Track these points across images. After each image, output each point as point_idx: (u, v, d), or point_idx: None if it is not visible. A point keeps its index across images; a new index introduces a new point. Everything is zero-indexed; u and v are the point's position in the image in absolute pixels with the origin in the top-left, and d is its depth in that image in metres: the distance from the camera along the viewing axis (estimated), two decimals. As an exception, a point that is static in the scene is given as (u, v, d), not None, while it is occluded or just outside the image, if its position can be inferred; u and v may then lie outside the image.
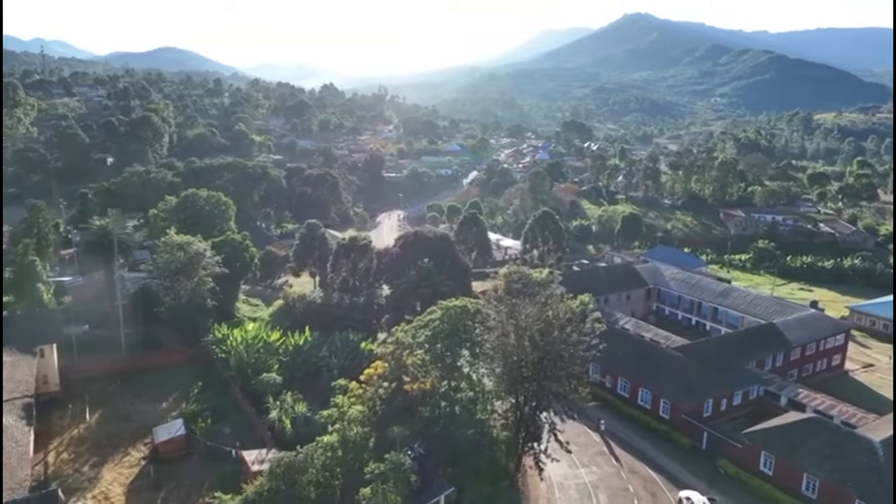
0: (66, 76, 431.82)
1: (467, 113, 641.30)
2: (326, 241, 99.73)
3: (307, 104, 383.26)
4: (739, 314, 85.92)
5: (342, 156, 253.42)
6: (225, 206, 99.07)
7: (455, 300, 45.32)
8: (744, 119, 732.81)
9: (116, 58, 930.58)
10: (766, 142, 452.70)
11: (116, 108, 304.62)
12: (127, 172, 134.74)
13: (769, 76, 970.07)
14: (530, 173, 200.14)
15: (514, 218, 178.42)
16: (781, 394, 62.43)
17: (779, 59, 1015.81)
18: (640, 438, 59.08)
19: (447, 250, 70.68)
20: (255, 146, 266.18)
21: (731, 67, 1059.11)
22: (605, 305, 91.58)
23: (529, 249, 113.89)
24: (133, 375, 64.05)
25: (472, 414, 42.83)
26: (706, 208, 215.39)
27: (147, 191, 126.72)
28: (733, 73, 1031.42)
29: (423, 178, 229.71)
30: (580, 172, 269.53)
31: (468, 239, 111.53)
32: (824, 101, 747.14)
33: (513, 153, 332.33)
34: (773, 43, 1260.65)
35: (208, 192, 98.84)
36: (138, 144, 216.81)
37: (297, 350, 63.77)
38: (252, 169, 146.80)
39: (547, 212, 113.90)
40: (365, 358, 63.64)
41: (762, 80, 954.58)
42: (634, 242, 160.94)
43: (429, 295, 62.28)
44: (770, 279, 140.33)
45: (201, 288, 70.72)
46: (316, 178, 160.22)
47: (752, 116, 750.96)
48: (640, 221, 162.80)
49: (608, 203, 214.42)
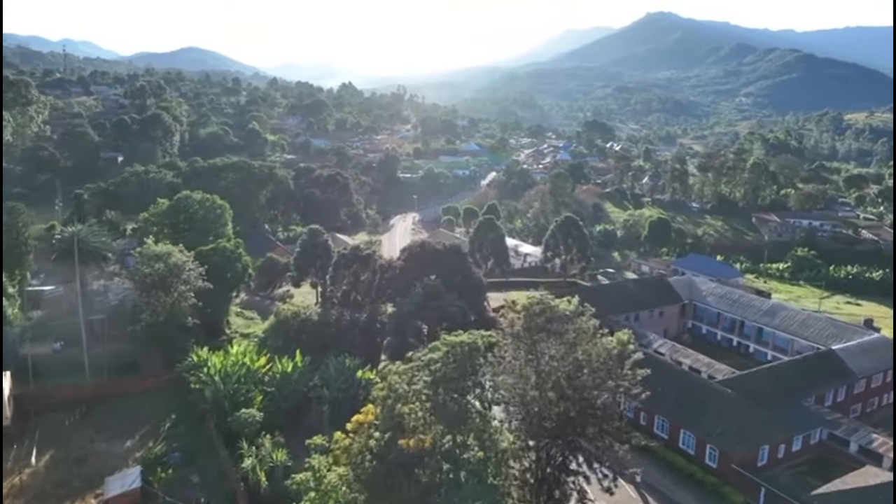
0: (85, 75, 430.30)
1: (487, 112, 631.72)
2: (329, 248, 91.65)
3: (324, 103, 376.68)
4: (789, 336, 76.16)
5: (356, 155, 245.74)
6: (221, 210, 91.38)
7: (463, 333, 36.68)
8: (770, 119, 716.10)
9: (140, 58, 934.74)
10: (795, 142, 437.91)
11: (132, 106, 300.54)
12: (126, 172, 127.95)
13: (796, 75, 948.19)
14: (551, 174, 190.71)
15: (534, 222, 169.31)
16: (851, 439, 52.86)
17: (806, 57, 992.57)
18: (683, 491, 49.95)
19: (458, 264, 62.10)
20: (268, 145, 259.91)
21: (756, 67, 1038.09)
22: (636, 324, 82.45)
23: (551, 258, 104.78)
24: (100, 403, 56.48)
25: (481, 480, 34.38)
26: (737, 212, 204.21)
27: (146, 192, 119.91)
28: (759, 72, 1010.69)
29: (439, 178, 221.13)
30: (603, 174, 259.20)
31: (484, 246, 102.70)
32: (854, 100, 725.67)
33: (533, 153, 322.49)
34: (800, 42, 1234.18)
35: (202, 195, 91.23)
36: (148, 143, 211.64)
37: (284, 378, 55.64)
38: (258, 169, 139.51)
39: (570, 217, 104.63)
40: (361, 388, 55.32)
41: (789, 80, 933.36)
42: (662, 249, 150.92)
43: (435, 317, 53.83)
44: (812, 291, 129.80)
45: (182, 304, 63.01)
46: (326, 179, 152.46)
47: (778, 117, 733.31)
48: (669, 227, 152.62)
49: (633, 206, 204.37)
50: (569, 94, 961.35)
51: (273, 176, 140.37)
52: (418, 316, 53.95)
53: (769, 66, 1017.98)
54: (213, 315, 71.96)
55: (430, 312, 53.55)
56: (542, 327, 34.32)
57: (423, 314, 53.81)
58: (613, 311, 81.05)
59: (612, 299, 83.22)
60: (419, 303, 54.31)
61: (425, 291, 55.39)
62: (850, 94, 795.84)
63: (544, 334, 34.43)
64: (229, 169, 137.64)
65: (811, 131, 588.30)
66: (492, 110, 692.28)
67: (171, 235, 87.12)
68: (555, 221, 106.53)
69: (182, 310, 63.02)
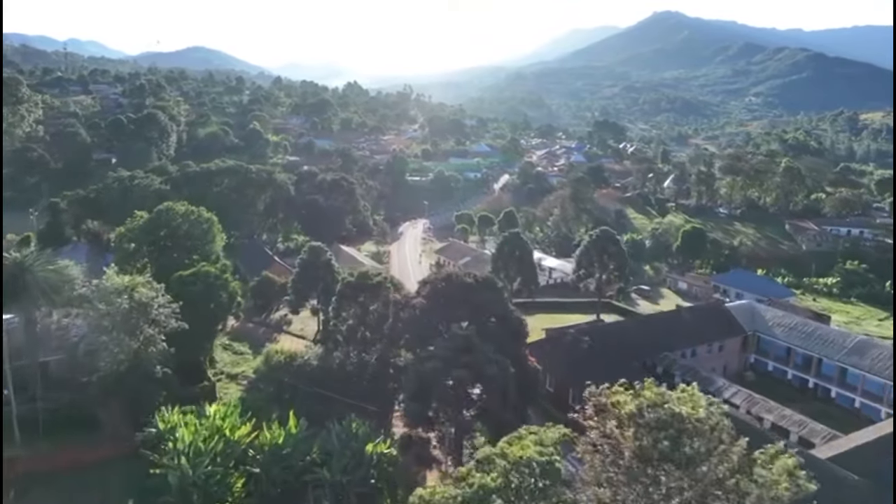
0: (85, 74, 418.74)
1: (494, 112, 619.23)
2: (333, 269, 79.51)
3: (329, 102, 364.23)
4: (882, 380, 63.47)
5: (362, 157, 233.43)
6: (208, 225, 79.11)
7: (525, 442, 24.27)
8: (781, 119, 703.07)
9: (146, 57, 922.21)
10: (815, 143, 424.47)
11: (131, 105, 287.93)
12: (110, 177, 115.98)
13: (806, 75, 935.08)
14: (571, 179, 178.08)
15: (556, 231, 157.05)
16: None
17: (816, 57, 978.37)
18: None
19: (492, 303, 49.66)
20: (269, 146, 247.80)
21: (766, 66, 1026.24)
22: (693, 360, 70.06)
23: (584, 276, 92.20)
24: (35, 482, 44.31)
25: None
26: (767, 219, 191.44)
27: (130, 200, 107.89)
28: (768, 71, 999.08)
29: (450, 182, 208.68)
30: (620, 176, 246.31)
31: (509, 265, 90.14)
32: (866, 100, 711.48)
33: (546, 155, 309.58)
34: (808, 41, 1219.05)
35: (187, 207, 79.00)
36: (142, 144, 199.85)
37: (273, 452, 43.30)
38: (256, 174, 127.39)
39: (606, 231, 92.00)
40: (373, 467, 43.07)
41: (799, 79, 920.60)
42: (696, 261, 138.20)
43: (468, 378, 41.51)
44: (868, 310, 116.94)
45: (149, 350, 50.87)
46: (330, 184, 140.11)
47: (789, 116, 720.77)
48: (704, 237, 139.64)
49: (657, 212, 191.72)
50: (576, 94, 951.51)
51: (272, 181, 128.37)
52: (446, 375, 41.54)
53: (778, 65, 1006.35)
54: (193, 356, 59.78)
55: (461, 371, 41.16)
56: (666, 455, 21.72)
57: (452, 373, 41.39)
58: (668, 345, 68.86)
59: (665, 331, 70.89)
60: (447, 358, 41.90)
61: (453, 342, 43.00)
62: (862, 94, 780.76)
63: (670, 465, 21.87)
64: (224, 173, 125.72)
65: (825, 131, 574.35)
66: (499, 109, 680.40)
67: (151, 254, 75.19)
68: (588, 236, 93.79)
69: (150, 357, 50.83)
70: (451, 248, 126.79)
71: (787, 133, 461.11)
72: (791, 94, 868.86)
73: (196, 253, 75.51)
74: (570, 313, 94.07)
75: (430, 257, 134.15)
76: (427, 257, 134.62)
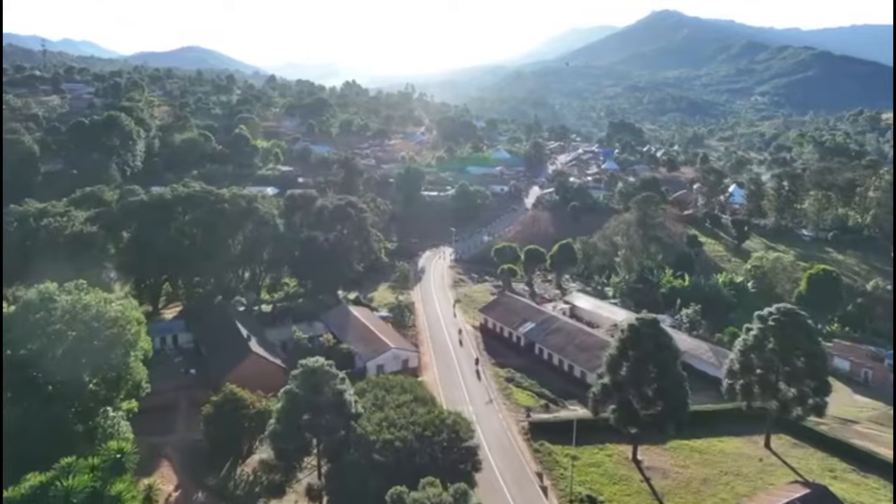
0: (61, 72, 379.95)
1: (497, 112, 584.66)
2: (348, 405, 43.15)
3: (326, 102, 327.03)
4: None
5: (368, 167, 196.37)
6: (121, 328, 42.22)
7: None
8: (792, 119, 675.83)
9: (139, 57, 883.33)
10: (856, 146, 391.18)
11: (103, 106, 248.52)
12: (7, 215, 78.64)
13: (812, 73, 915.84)
14: (635, 198, 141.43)
15: (626, 268, 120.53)
16: None
17: (822, 55, 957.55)
18: None
19: None
20: (258, 154, 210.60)
21: (770, 65, 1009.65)
22: None
23: (746, 393, 55.98)
24: None
25: None
26: (865, 243, 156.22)
27: (32, 251, 71.16)
28: (773, 70, 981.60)
29: (475, 198, 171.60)
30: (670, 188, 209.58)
31: (644, 376, 52.48)
32: (875, 99, 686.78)
33: (575, 161, 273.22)
34: (807, 40, 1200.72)
35: (76, 296, 42.23)
36: (98, 154, 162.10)
37: None
38: (230, 203, 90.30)
39: (792, 313, 55.05)
40: None
41: (805, 78, 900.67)
42: (830, 317, 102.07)
43: None
44: None
45: None
46: (332, 214, 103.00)
47: (798, 116, 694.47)
48: (839, 284, 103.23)
49: (733, 237, 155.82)
50: (578, 93, 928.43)
51: (252, 212, 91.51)
52: None
53: (783, 64, 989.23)
54: None
55: None
56: None
57: None
58: None
59: None
60: None
61: None
62: (871, 93, 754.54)
63: None
64: (185, 202, 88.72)
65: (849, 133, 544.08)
66: (501, 109, 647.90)
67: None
68: (761, 322, 55.95)
69: None
70: (501, 306, 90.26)
71: (822, 134, 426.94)
72: (798, 92, 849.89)
73: (89, 401, 39.04)
74: (719, 437, 59.33)
75: (470, 314, 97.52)
76: (462, 312, 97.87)
